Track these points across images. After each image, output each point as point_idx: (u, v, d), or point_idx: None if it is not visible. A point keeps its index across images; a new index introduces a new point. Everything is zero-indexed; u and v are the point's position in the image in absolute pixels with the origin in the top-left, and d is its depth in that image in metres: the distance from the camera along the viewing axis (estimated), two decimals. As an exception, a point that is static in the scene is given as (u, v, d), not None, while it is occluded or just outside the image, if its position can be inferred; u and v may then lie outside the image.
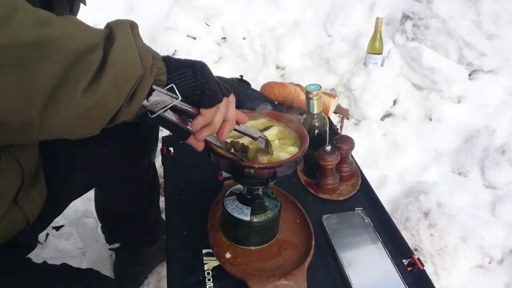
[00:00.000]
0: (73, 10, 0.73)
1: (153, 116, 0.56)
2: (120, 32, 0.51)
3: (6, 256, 0.72)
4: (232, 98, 0.64)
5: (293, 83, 1.56)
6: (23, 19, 0.43)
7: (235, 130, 0.68)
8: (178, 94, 0.56)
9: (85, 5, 0.78)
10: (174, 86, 0.56)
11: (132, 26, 0.54)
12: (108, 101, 0.49)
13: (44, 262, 0.74)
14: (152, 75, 0.53)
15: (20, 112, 0.45)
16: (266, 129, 0.82)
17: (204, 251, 0.83)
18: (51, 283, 0.69)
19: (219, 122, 0.62)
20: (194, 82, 0.58)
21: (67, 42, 0.45)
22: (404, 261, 0.84)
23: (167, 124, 0.63)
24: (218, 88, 0.61)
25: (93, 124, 0.51)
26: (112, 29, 0.52)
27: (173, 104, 0.56)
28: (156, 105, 0.55)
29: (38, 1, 0.64)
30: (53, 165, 0.79)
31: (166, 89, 0.56)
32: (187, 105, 0.59)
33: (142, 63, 0.51)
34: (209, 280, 0.78)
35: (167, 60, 0.57)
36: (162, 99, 0.55)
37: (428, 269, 1.30)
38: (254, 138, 0.72)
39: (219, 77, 0.90)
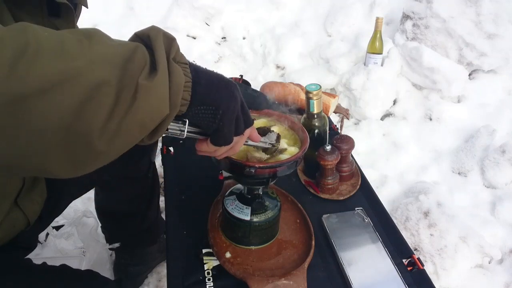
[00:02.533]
0: (76, 14, 0.73)
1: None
2: (158, 54, 0.46)
3: (6, 256, 0.72)
4: (247, 132, 0.62)
5: (293, 83, 1.56)
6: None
7: (245, 144, 0.68)
8: (185, 131, 0.55)
9: (87, 7, 0.78)
10: (187, 122, 0.54)
11: (167, 41, 0.49)
12: (131, 138, 0.47)
13: (44, 263, 0.74)
14: (177, 109, 0.49)
15: (34, 163, 0.41)
16: (266, 129, 0.82)
17: (204, 251, 0.83)
18: (50, 284, 0.69)
19: (222, 154, 0.62)
20: (211, 122, 0.55)
21: (79, 78, 0.40)
22: (404, 260, 0.84)
23: None
24: (235, 128, 0.58)
25: (117, 153, 0.48)
26: (150, 41, 0.47)
27: (178, 137, 0.55)
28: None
29: (45, 10, 0.64)
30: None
31: (182, 121, 0.54)
32: (194, 135, 0.58)
33: (171, 100, 0.47)
34: (209, 280, 0.78)
35: (197, 86, 0.52)
36: (170, 130, 0.54)
37: (428, 269, 1.30)
38: (265, 149, 0.72)
39: None
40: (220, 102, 0.54)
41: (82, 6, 0.77)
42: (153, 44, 0.47)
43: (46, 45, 0.39)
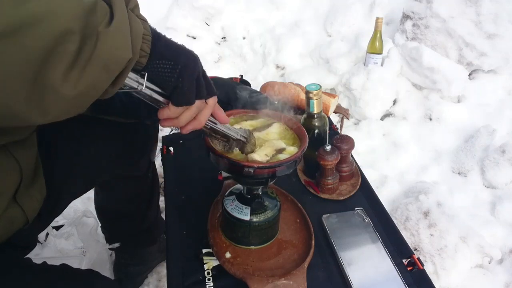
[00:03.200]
0: None
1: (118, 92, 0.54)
2: (115, 3, 0.48)
3: (5, 256, 0.72)
4: (211, 101, 0.63)
5: (293, 83, 1.56)
6: None
7: (214, 129, 0.68)
8: (144, 84, 0.55)
9: None
10: (146, 75, 0.55)
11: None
12: (96, 83, 0.48)
13: (44, 263, 0.74)
14: (137, 56, 0.51)
15: (4, 106, 0.43)
16: (266, 127, 0.82)
17: (204, 251, 0.83)
18: (50, 283, 0.69)
19: (185, 120, 0.61)
20: (169, 77, 0.56)
21: (43, 24, 0.42)
22: (404, 260, 0.84)
23: (139, 99, 0.60)
24: (196, 89, 0.59)
25: (79, 107, 0.49)
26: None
27: (135, 91, 0.55)
28: (123, 86, 0.53)
29: None
30: (52, 164, 0.79)
31: (140, 74, 0.54)
32: (155, 95, 0.57)
33: (133, 45, 0.50)
34: (209, 280, 0.78)
35: (156, 41, 0.54)
36: (128, 82, 0.54)
37: (428, 268, 1.30)
38: (233, 139, 0.71)
39: (216, 78, 0.90)
40: (179, 58, 0.56)
41: None
42: None
43: None
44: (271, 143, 0.76)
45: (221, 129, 0.69)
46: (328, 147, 0.95)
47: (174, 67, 0.55)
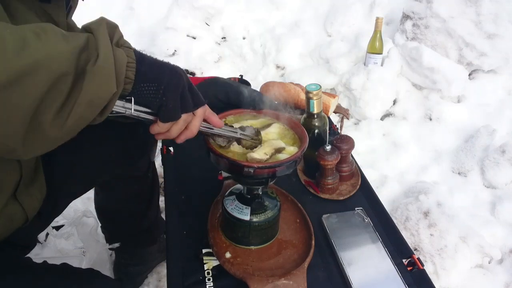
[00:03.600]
0: (70, 5, 0.73)
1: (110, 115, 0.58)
2: (100, 41, 0.51)
3: (5, 255, 0.72)
4: (200, 111, 0.66)
5: (293, 83, 1.56)
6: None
7: (211, 132, 0.70)
8: (132, 109, 0.58)
9: (83, 0, 0.78)
10: (133, 100, 0.58)
11: (111, 29, 0.54)
12: (83, 119, 0.52)
13: (44, 262, 0.74)
14: (121, 87, 0.55)
15: (2, 145, 0.46)
16: (266, 126, 0.82)
17: (204, 251, 0.83)
18: (51, 282, 0.69)
19: (176, 133, 0.65)
20: (153, 98, 0.59)
21: (42, 70, 0.45)
22: (404, 260, 0.84)
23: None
24: (181, 104, 0.61)
25: (69, 136, 0.53)
26: (92, 32, 0.52)
27: (123, 115, 0.58)
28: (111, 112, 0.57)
29: None
30: (53, 164, 0.79)
31: (125, 100, 0.58)
32: (144, 115, 0.61)
33: (117, 77, 0.53)
34: (209, 280, 0.78)
35: (140, 66, 0.57)
36: (116, 109, 0.57)
37: (428, 268, 1.30)
38: (234, 138, 0.74)
39: (216, 78, 0.90)
40: (162, 78, 0.59)
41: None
42: (95, 34, 0.52)
43: (10, 42, 0.43)
44: (271, 143, 0.76)
45: (217, 132, 0.71)
46: (328, 147, 0.95)
47: (158, 88, 0.59)
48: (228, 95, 0.87)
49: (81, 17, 0.82)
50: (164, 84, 0.59)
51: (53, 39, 0.47)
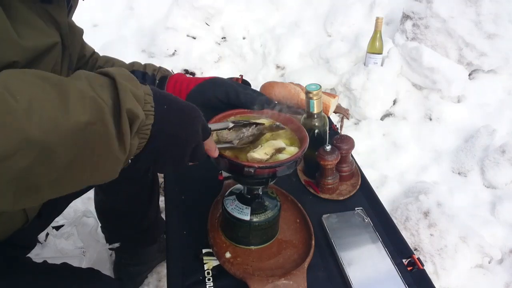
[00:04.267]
0: (71, 5, 0.72)
1: None
2: (124, 136, 0.49)
3: (5, 255, 0.72)
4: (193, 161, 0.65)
5: (293, 83, 1.56)
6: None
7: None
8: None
9: (83, 0, 0.77)
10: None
11: (133, 119, 0.50)
12: (73, 190, 0.50)
13: (45, 262, 0.74)
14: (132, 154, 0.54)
15: None
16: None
17: (204, 251, 0.83)
18: (51, 282, 0.69)
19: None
20: (150, 163, 0.59)
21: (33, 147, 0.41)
22: (404, 260, 0.83)
23: None
24: (173, 165, 0.61)
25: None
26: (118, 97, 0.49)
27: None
28: None
29: None
30: None
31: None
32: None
33: (124, 163, 0.52)
34: (209, 280, 0.78)
35: (148, 143, 0.55)
36: None
37: (428, 268, 1.30)
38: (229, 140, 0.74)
39: (216, 78, 0.90)
40: (164, 157, 0.58)
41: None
42: (120, 122, 0.49)
43: (12, 109, 0.39)
44: (271, 143, 0.76)
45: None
46: (328, 147, 0.95)
47: (155, 163, 0.59)
48: (228, 95, 0.86)
49: (81, 18, 0.82)
50: (163, 160, 0.59)
51: (63, 104, 0.43)
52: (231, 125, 0.75)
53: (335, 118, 1.97)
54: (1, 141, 0.39)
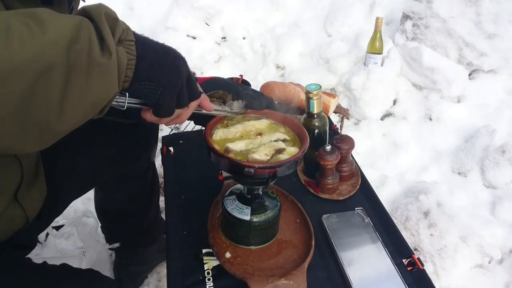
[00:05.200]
0: (72, 6, 0.73)
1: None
2: (105, 36, 0.49)
3: (6, 256, 0.72)
4: (193, 104, 0.65)
5: (293, 83, 1.56)
6: None
7: (199, 113, 0.71)
8: (125, 103, 0.58)
9: (84, 1, 0.78)
10: (127, 95, 0.58)
11: (111, 22, 0.51)
12: (85, 117, 0.52)
13: (44, 262, 0.74)
14: (121, 86, 0.54)
15: None
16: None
17: (204, 251, 0.83)
18: (51, 283, 0.69)
19: (166, 122, 0.65)
20: (150, 96, 0.58)
21: (26, 68, 0.42)
22: (404, 260, 0.84)
23: None
24: (177, 101, 0.61)
25: (70, 130, 0.52)
26: (92, 20, 0.50)
27: (116, 107, 0.58)
28: None
29: None
30: (53, 164, 0.79)
31: (119, 94, 0.57)
32: (136, 106, 0.61)
33: (118, 77, 0.52)
34: (209, 280, 0.78)
35: (140, 63, 0.55)
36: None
37: (428, 268, 1.30)
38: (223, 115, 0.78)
39: (216, 79, 0.90)
40: (161, 78, 0.57)
41: (80, 0, 0.77)
42: (98, 26, 0.49)
43: None
44: (271, 144, 0.76)
45: (207, 113, 0.73)
46: (328, 147, 0.95)
47: (156, 88, 0.57)
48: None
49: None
50: (162, 85, 0.57)
51: (42, 30, 0.44)
52: (226, 113, 0.78)
53: (335, 118, 1.97)
54: None
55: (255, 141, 0.76)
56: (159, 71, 0.57)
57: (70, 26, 0.46)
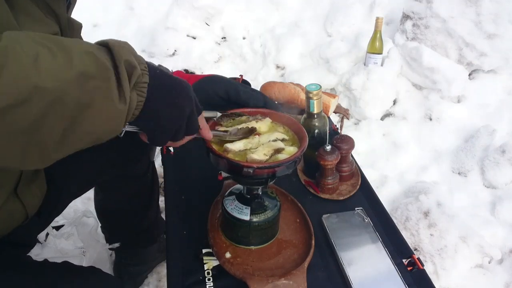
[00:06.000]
0: (69, 2, 0.73)
1: None
2: (122, 80, 0.50)
3: (6, 253, 0.72)
4: (188, 137, 0.66)
5: (293, 83, 1.56)
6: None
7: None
8: (123, 132, 0.59)
9: None
10: (126, 129, 0.59)
11: (129, 66, 0.52)
12: (81, 148, 0.53)
13: (45, 260, 0.74)
14: (126, 123, 0.56)
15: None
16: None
17: (204, 251, 0.83)
18: (52, 280, 0.69)
19: (161, 146, 0.67)
20: (148, 130, 0.60)
21: (43, 95, 0.44)
22: (404, 260, 0.84)
23: None
24: (173, 135, 0.62)
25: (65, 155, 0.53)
26: (113, 58, 0.51)
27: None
28: None
29: None
30: (53, 164, 0.79)
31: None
32: (132, 130, 0.62)
33: (126, 119, 0.53)
34: (209, 280, 0.78)
35: (148, 103, 0.56)
36: None
37: (428, 268, 1.30)
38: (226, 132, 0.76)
39: (214, 76, 0.90)
40: (163, 119, 0.59)
41: None
42: (119, 71, 0.51)
43: (22, 59, 0.42)
44: (270, 144, 0.76)
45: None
46: (328, 147, 0.95)
47: (155, 127, 0.59)
48: (228, 92, 0.86)
49: (82, 18, 0.83)
50: (161, 126, 0.59)
51: (64, 58, 0.45)
52: (219, 114, 0.77)
53: (335, 118, 1.97)
54: (12, 87, 0.41)
55: (254, 141, 0.76)
56: (162, 113, 0.58)
57: (93, 62, 0.48)
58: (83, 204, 1.52)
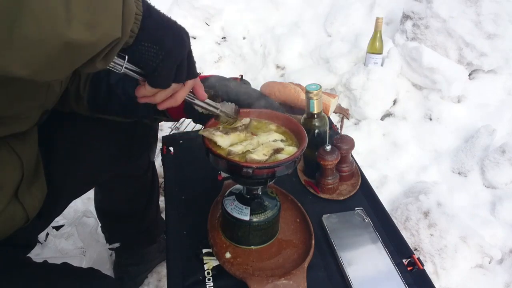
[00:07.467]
0: None
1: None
2: None
3: (6, 254, 0.72)
4: (190, 82, 0.64)
5: (293, 83, 1.56)
6: None
7: (193, 104, 0.71)
8: (123, 66, 0.56)
9: None
10: (127, 58, 0.55)
11: None
12: (82, 49, 0.46)
13: (45, 261, 0.74)
14: (126, 37, 0.50)
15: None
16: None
17: (204, 251, 0.83)
18: (52, 282, 0.69)
19: (160, 99, 0.63)
20: (151, 61, 0.55)
21: None
22: (404, 260, 0.84)
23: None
24: (175, 74, 0.59)
25: (62, 66, 0.46)
26: None
27: (113, 69, 0.56)
28: None
29: None
30: (53, 164, 0.79)
31: (118, 55, 0.54)
32: (133, 74, 0.59)
33: (123, 25, 0.48)
34: (209, 280, 0.78)
35: (146, 21, 0.52)
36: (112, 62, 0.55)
37: (428, 268, 1.30)
38: (215, 113, 0.76)
39: (212, 76, 0.90)
40: (165, 43, 0.55)
41: None
42: None
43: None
44: (269, 143, 0.76)
45: (200, 104, 0.72)
46: (328, 147, 0.95)
47: (158, 52, 0.55)
48: (228, 91, 0.86)
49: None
50: (165, 50, 0.55)
51: None
52: (218, 111, 0.76)
53: (335, 118, 1.97)
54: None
55: (253, 141, 0.76)
56: (164, 35, 0.55)
57: None
58: (83, 204, 1.52)
